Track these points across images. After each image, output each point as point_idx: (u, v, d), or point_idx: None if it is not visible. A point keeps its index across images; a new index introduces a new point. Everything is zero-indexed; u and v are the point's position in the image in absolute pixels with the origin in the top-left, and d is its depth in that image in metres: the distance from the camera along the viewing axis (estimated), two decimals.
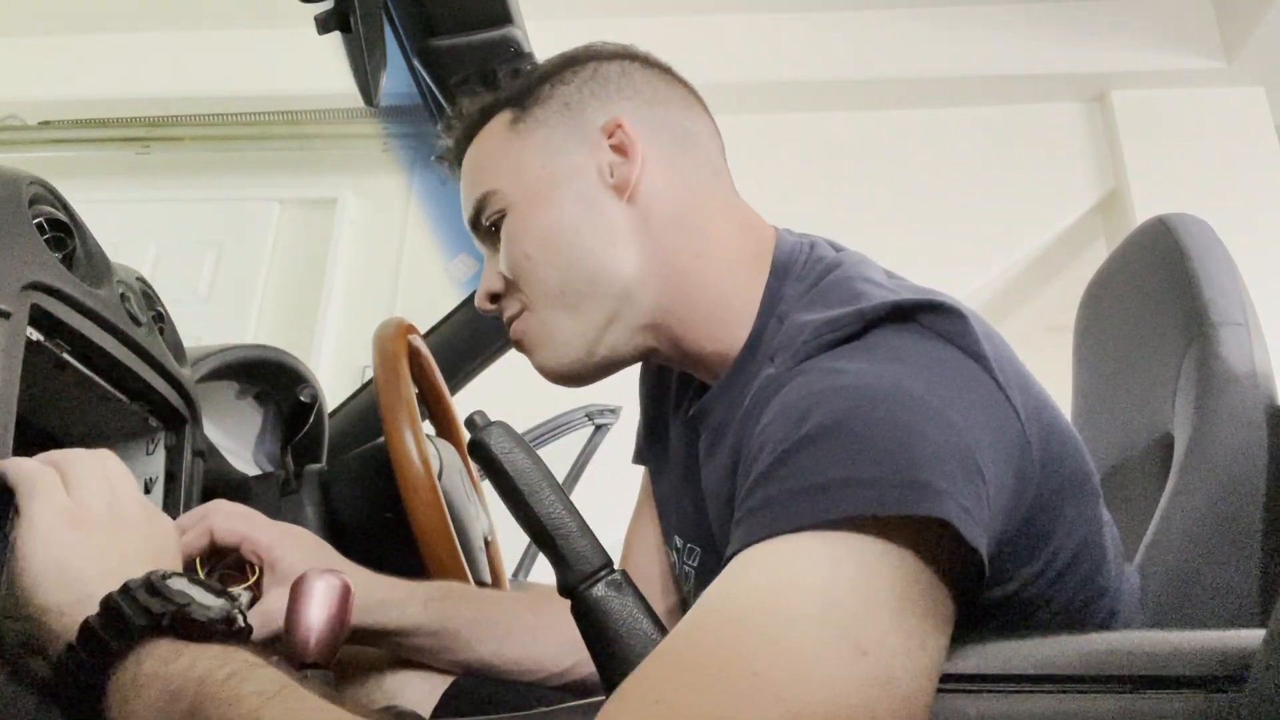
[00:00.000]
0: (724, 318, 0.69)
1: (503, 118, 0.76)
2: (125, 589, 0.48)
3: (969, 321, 0.56)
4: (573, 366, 0.72)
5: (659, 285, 0.70)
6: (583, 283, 0.70)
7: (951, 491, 0.47)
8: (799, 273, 0.69)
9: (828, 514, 0.46)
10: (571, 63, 0.76)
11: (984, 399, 0.53)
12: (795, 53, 3.21)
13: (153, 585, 0.48)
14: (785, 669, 0.41)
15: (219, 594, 0.51)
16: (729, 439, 0.66)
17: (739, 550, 0.48)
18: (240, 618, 0.51)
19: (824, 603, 0.43)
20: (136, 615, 0.47)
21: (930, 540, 0.46)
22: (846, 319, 0.57)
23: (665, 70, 0.77)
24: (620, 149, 0.71)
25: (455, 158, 0.80)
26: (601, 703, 0.43)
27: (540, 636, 0.81)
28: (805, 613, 0.43)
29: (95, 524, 0.53)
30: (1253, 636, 0.45)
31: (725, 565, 0.48)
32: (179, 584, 0.49)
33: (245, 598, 0.61)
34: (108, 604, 0.47)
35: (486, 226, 0.74)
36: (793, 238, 0.73)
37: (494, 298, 0.75)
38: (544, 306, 0.71)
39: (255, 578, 0.71)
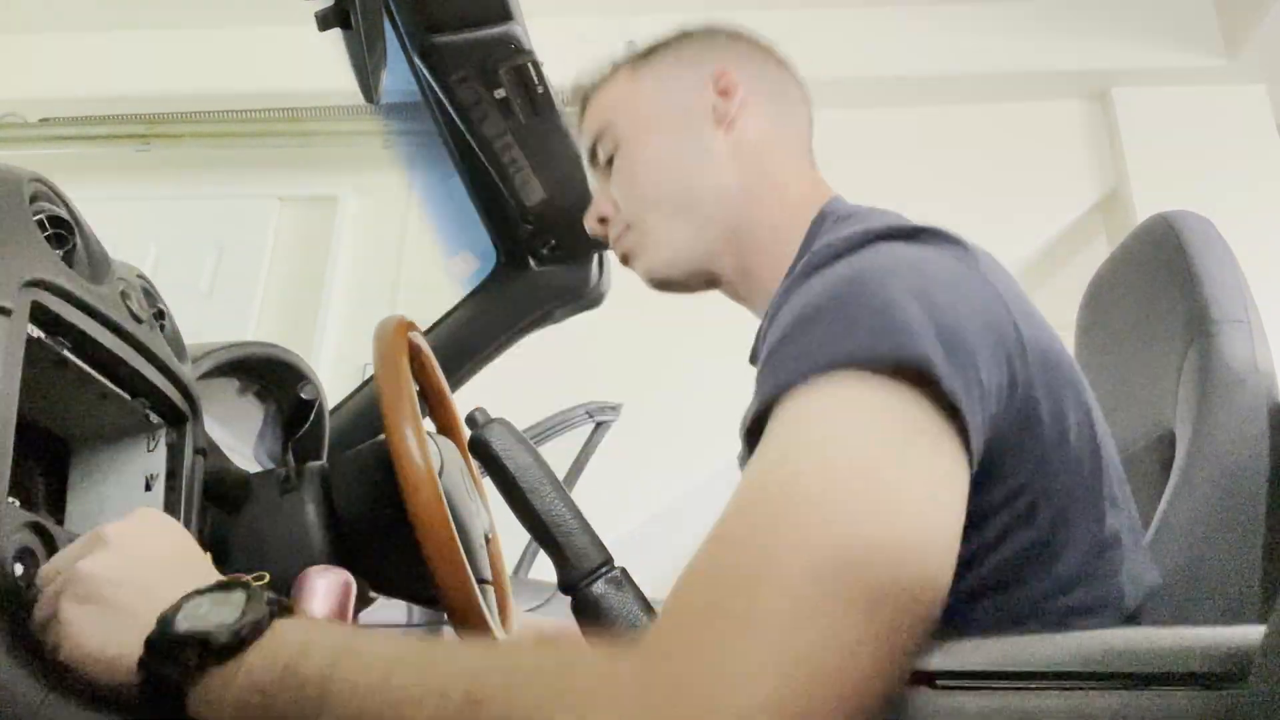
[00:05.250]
0: (779, 244, 0.80)
1: (622, 71, 0.90)
2: (150, 649, 0.51)
3: (967, 245, 0.62)
4: (670, 268, 0.85)
5: (739, 205, 0.82)
6: (683, 195, 0.83)
7: (930, 352, 0.50)
8: (838, 213, 0.79)
9: (813, 368, 0.50)
10: (687, 31, 0.91)
11: (974, 291, 0.57)
12: (792, 50, 3.20)
13: (169, 639, 0.51)
14: (811, 521, 0.44)
15: (227, 593, 0.53)
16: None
17: (747, 426, 0.53)
18: (260, 608, 0.52)
19: (826, 456, 0.47)
20: (174, 672, 0.50)
21: (915, 397, 0.49)
22: (855, 235, 0.62)
23: (768, 47, 0.92)
24: (724, 92, 0.84)
25: (581, 108, 0.93)
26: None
27: None
28: (813, 468, 0.47)
29: (100, 593, 0.55)
30: (1254, 633, 0.45)
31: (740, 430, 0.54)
32: (188, 619, 0.51)
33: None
34: (146, 667, 0.51)
35: (603, 160, 0.88)
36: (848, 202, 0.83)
37: (602, 220, 0.89)
38: (649, 215, 0.84)
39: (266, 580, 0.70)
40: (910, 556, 0.45)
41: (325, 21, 0.97)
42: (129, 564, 0.56)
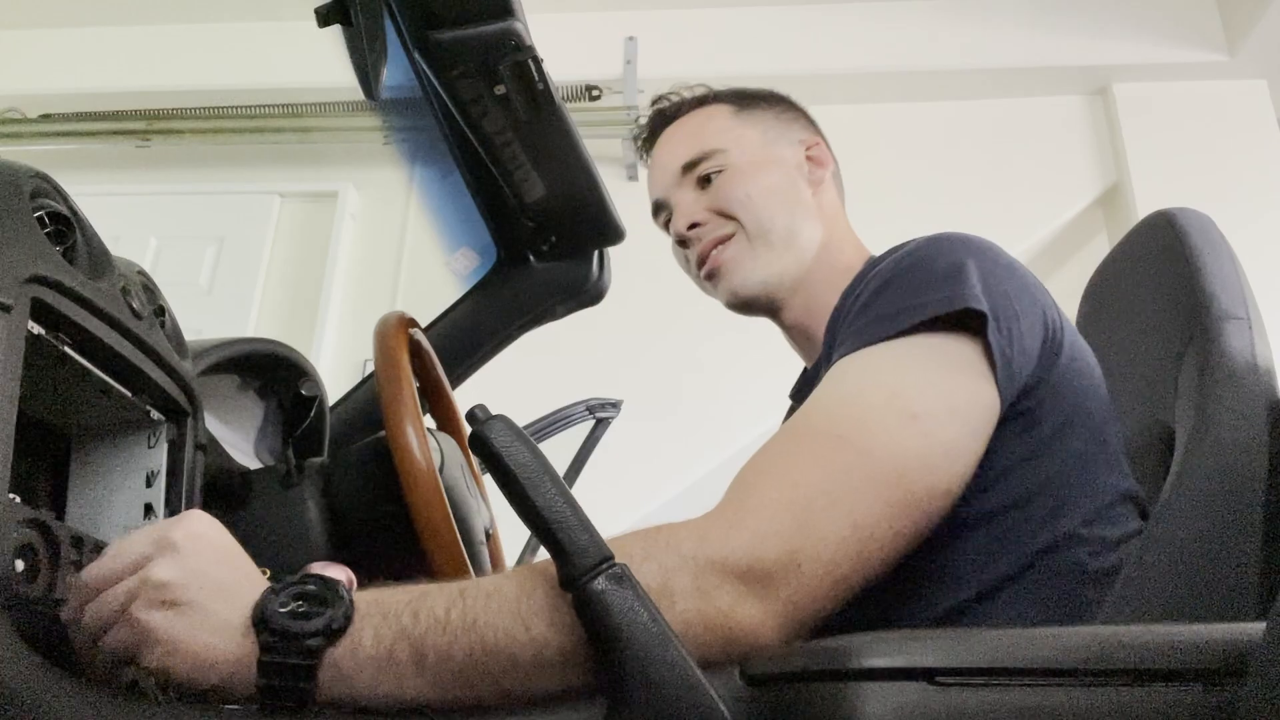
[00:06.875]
0: (834, 296, 0.87)
1: (723, 107, 1.04)
2: (269, 645, 0.54)
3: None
4: (761, 288, 0.97)
5: (818, 254, 0.97)
6: (787, 229, 0.97)
7: (984, 303, 0.68)
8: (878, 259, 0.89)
9: (892, 330, 0.69)
10: (768, 96, 1.07)
11: (1024, 274, 0.78)
12: (794, 46, 3.20)
13: (292, 632, 0.54)
14: (862, 434, 0.63)
15: (303, 585, 0.56)
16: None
17: (836, 361, 0.71)
18: (337, 594, 0.56)
19: (890, 392, 0.65)
20: (301, 660, 0.54)
21: (965, 336, 0.68)
22: (919, 238, 0.80)
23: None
24: (815, 160, 1.03)
25: (661, 123, 1.06)
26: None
27: None
28: (876, 398, 0.65)
29: (185, 597, 0.56)
30: (1254, 629, 0.45)
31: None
32: (288, 611, 0.55)
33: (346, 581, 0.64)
34: (271, 658, 0.54)
35: (701, 174, 1.00)
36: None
37: (692, 226, 0.99)
38: (755, 236, 0.96)
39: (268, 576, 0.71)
40: (937, 476, 0.63)
41: (325, 17, 0.97)
42: (204, 566, 0.58)
